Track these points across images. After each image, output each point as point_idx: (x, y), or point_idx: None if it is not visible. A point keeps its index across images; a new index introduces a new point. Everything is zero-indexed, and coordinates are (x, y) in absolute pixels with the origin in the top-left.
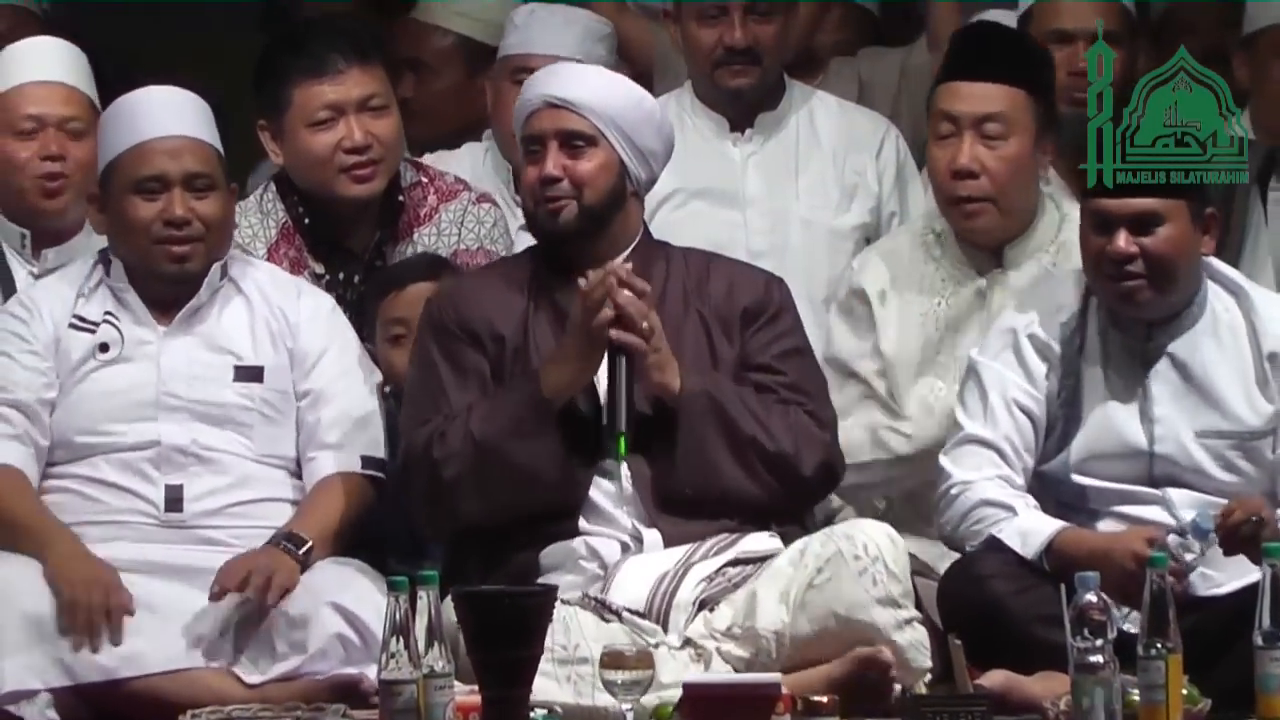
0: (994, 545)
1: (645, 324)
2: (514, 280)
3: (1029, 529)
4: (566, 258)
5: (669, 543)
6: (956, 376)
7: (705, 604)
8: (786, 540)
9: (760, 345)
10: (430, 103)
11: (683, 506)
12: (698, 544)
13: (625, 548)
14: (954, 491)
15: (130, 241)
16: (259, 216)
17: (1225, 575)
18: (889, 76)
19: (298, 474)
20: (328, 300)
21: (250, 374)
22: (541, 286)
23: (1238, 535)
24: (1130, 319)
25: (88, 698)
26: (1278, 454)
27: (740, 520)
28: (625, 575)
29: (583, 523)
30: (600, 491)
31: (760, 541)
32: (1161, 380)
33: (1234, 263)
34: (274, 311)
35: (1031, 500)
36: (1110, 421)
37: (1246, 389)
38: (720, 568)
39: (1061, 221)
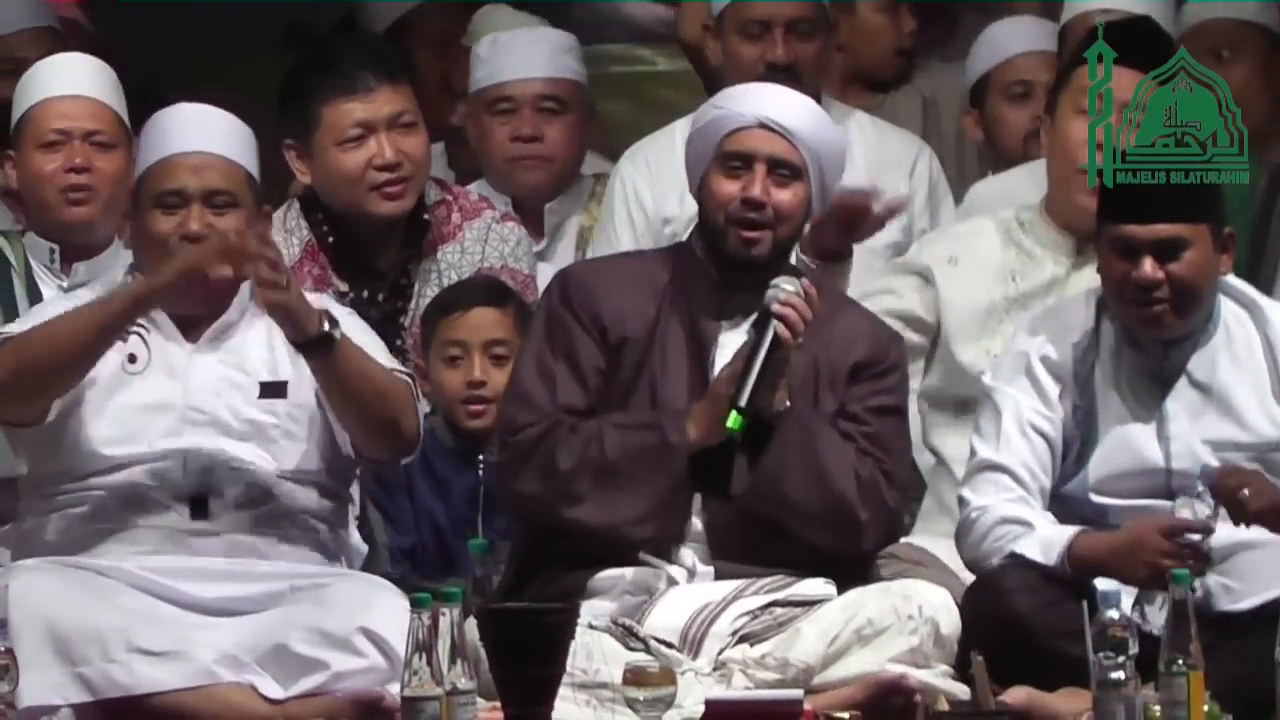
0: (1016, 562)
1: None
2: (651, 280)
3: (1048, 539)
4: (732, 278)
5: (721, 579)
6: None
7: (747, 638)
8: (841, 589)
9: (858, 395)
10: None
11: (740, 547)
12: (750, 581)
13: (673, 582)
14: (973, 516)
15: (150, 256)
16: (283, 235)
17: (1246, 587)
18: (955, 93)
19: (326, 490)
20: (344, 309)
21: (274, 390)
22: (678, 293)
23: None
24: (1147, 339)
25: (110, 713)
26: None
27: (796, 567)
28: (668, 602)
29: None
30: None
31: (814, 587)
32: (1178, 398)
33: (1268, 292)
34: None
35: (1049, 516)
36: (1127, 440)
37: (1262, 401)
38: (766, 605)
39: None
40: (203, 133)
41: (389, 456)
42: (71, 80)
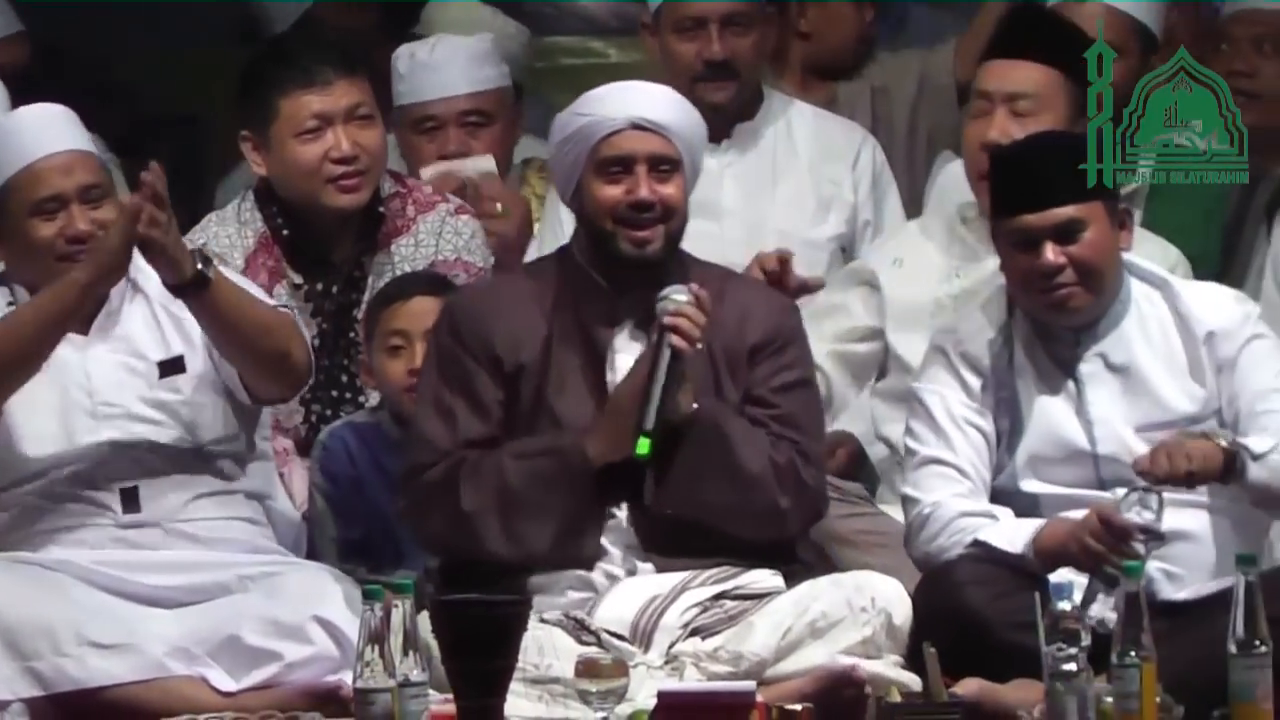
0: (970, 554)
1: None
2: (538, 297)
3: (1014, 529)
4: (622, 281)
5: (663, 573)
6: None
7: (698, 631)
8: (789, 580)
9: (761, 378)
10: None
11: (670, 543)
12: (696, 573)
13: (613, 579)
14: (926, 511)
15: (35, 264)
16: (236, 226)
17: (1190, 575)
18: (908, 85)
19: (242, 457)
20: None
21: (173, 367)
22: (567, 305)
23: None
24: (1059, 327)
25: (62, 707)
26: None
27: (729, 556)
28: (615, 596)
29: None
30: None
31: (762, 578)
32: (1095, 382)
33: (1240, 289)
34: (169, 295)
35: (1006, 510)
36: (1050, 427)
37: (1178, 378)
38: (716, 597)
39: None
40: (59, 133)
41: (282, 392)
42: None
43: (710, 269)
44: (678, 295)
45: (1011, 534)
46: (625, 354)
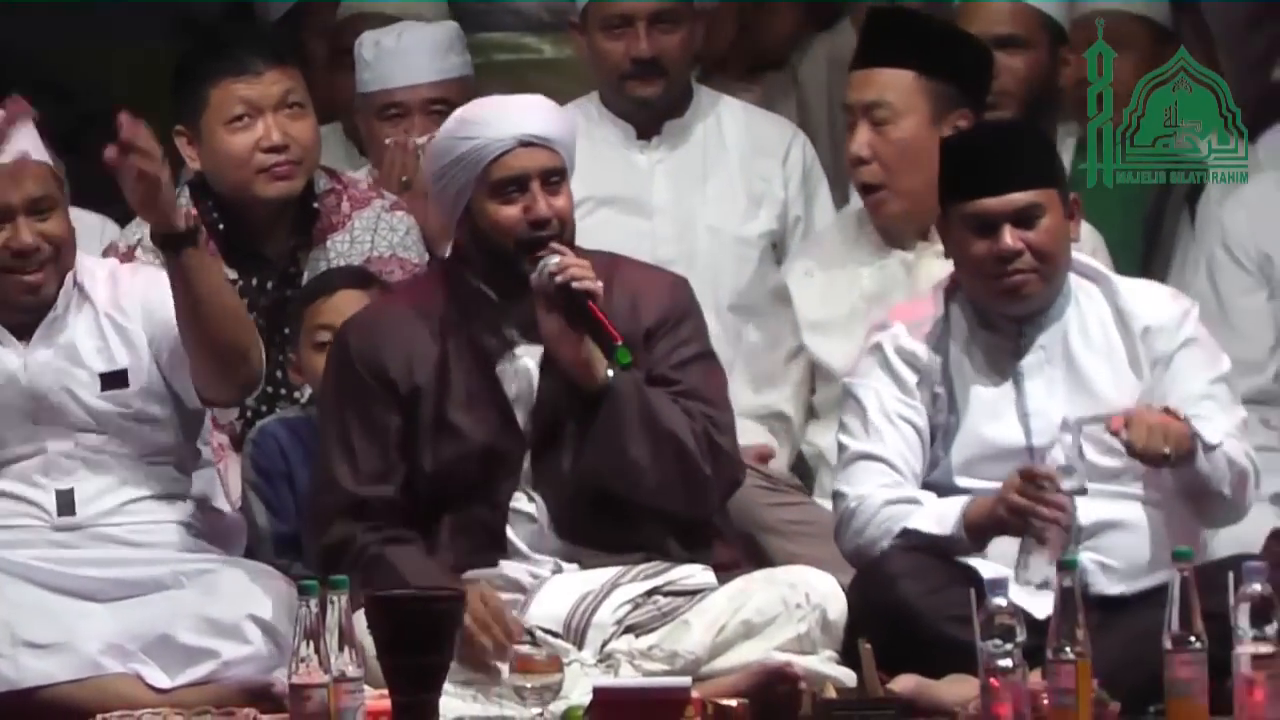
0: (903, 545)
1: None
2: (424, 316)
3: (941, 512)
4: (514, 292)
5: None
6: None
7: (632, 629)
8: (720, 576)
9: (660, 357)
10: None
11: (591, 539)
12: (626, 568)
13: (540, 580)
14: (852, 505)
15: None
16: None
17: (1125, 568)
18: (819, 69)
19: (184, 468)
20: (161, 271)
21: (115, 380)
22: (454, 323)
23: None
24: (1001, 318)
25: None
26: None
27: (650, 551)
28: (546, 593)
29: (503, 563)
30: (518, 534)
31: (693, 574)
32: (1034, 375)
33: (1163, 278)
34: (119, 306)
35: (930, 494)
36: (987, 423)
37: (1116, 373)
38: (649, 593)
39: None
40: (9, 140)
41: (232, 393)
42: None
43: (596, 255)
44: (551, 258)
45: (939, 516)
46: (522, 360)
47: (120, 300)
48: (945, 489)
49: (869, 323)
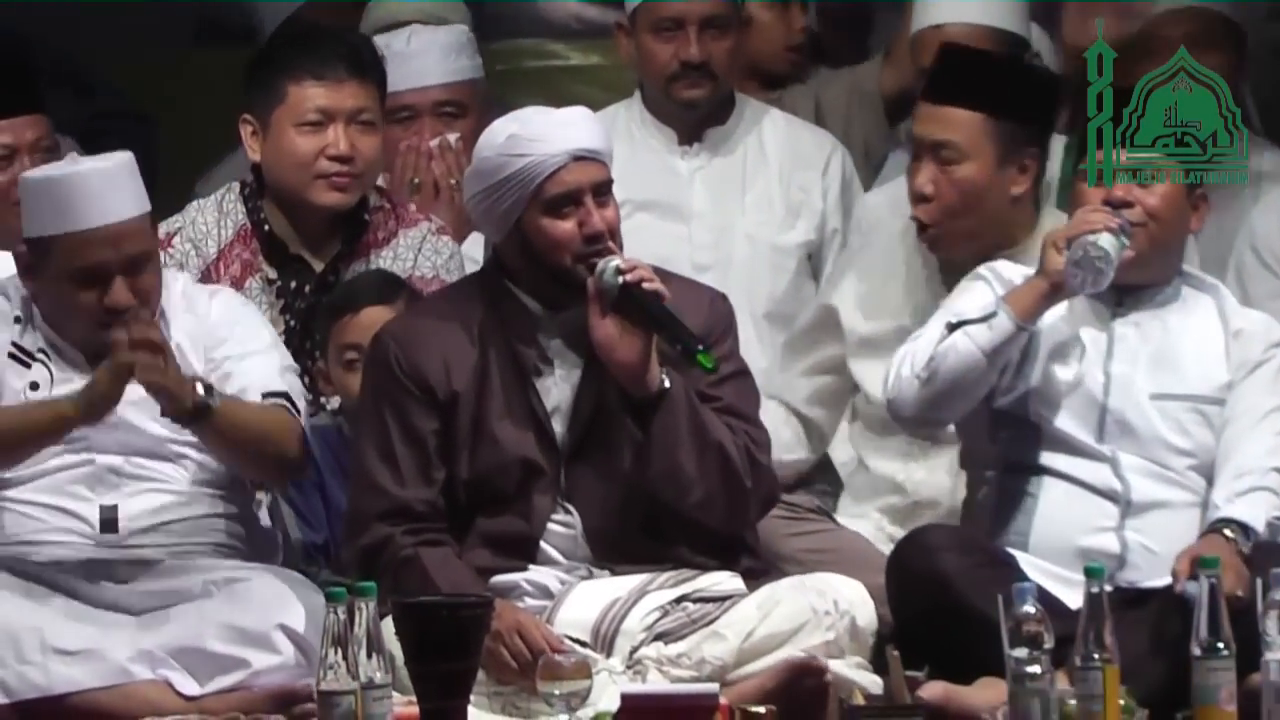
0: (945, 525)
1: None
2: (464, 325)
3: (983, 318)
4: (558, 302)
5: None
6: None
7: (661, 636)
8: (749, 583)
9: (698, 373)
10: None
11: (624, 552)
12: (654, 575)
13: (568, 583)
14: (900, 363)
15: (68, 319)
16: (216, 216)
17: (1164, 552)
18: (840, 99)
19: (230, 496)
20: (238, 296)
21: None
22: (494, 331)
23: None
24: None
25: (26, 714)
26: (1225, 424)
27: (688, 554)
28: (575, 599)
29: (532, 568)
30: (551, 543)
31: (722, 580)
32: (1123, 342)
33: None
34: (188, 331)
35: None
36: (1069, 368)
37: (1207, 361)
38: (677, 600)
39: None
40: (116, 198)
41: (282, 480)
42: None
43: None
44: (612, 260)
45: (983, 325)
46: (561, 372)
47: (196, 316)
48: (1018, 422)
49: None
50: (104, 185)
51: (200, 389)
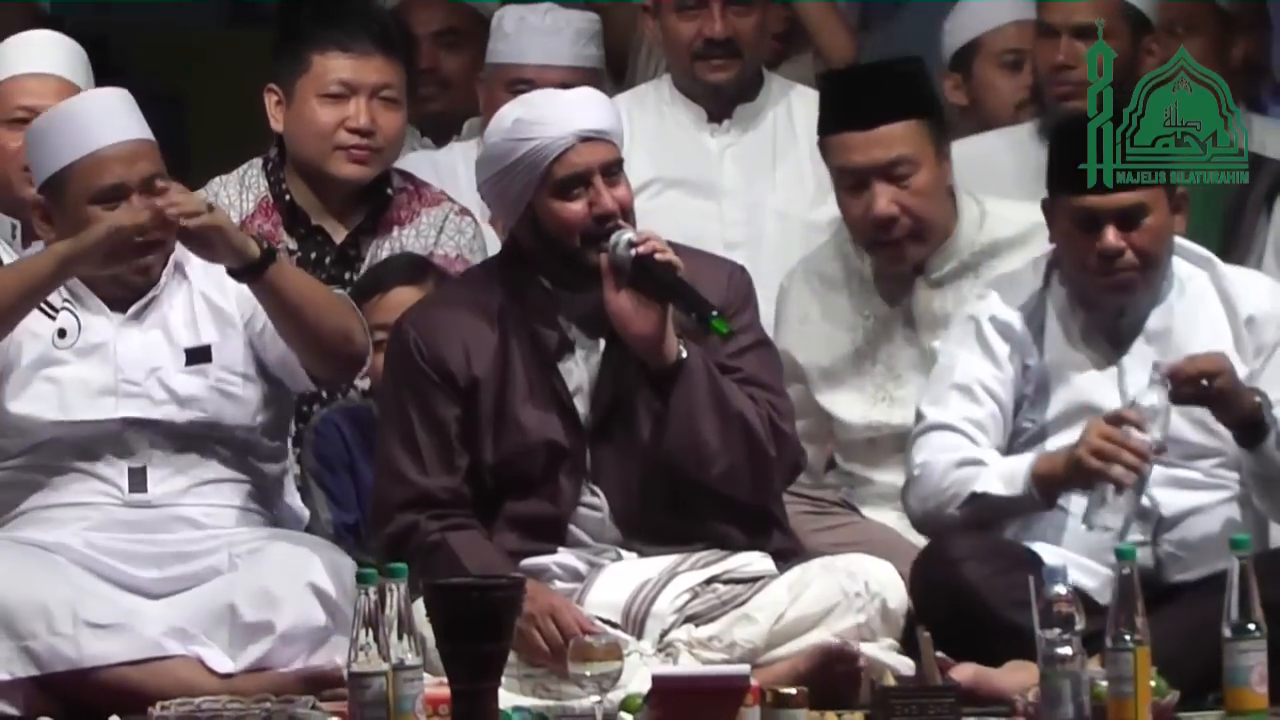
0: (972, 512)
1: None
2: (484, 309)
3: (1008, 471)
4: (575, 284)
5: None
6: (878, 385)
7: (692, 618)
8: (780, 566)
9: (718, 344)
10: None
11: (652, 532)
12: (684, 556)
13: (599, 568)
14: (917, 473)
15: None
16: (238, 189)
17: (1195, 556)
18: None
19: (259, 453)
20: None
21: (200, 355)
22: (514, 316)
23: (1185, 390)
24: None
25: (55, 689)
26: None
27: (709, 542)
28: (605, 581)
29: (561, 550)
30: (580, 525)
31: (752, 561)
32: (1135, 353)
33: None
34: (215, 283)
35: (996, 453)
36: (1086, 396)
37: (1220, 350)
38: (707, 581)
39: (983, 219)
40: (123, 120)
41: (344, 372)
42: (40, 58)
43: None
44: (624, 233)
45: (1008, 475)
46: (581, 353)
47: (218, 277)
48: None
49: (868, 364)
50: (108, 110)
51: (262, 241)
